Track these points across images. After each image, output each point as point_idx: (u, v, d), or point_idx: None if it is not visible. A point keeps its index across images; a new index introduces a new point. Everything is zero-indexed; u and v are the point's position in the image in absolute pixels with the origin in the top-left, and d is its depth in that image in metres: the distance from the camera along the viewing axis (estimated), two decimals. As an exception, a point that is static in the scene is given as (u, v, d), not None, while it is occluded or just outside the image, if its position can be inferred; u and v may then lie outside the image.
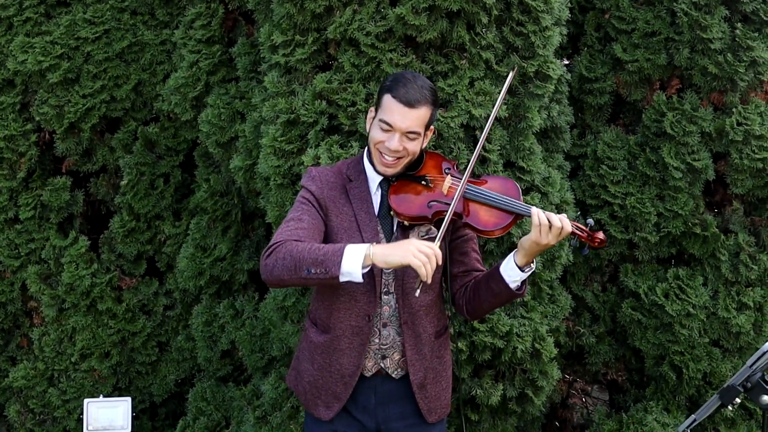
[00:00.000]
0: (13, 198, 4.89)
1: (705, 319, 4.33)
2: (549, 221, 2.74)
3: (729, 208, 4.45)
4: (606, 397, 5.20)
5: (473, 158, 2.91)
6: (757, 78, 4.26)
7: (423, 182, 2.96)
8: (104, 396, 4.76)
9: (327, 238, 2.94)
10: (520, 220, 2.94)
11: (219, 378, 4.75)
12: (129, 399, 4.58)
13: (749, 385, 2.74)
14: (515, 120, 3.95)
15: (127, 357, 4.92)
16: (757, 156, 4.20)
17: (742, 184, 4.32)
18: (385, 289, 2.98)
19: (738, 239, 4.37)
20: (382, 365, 3.02)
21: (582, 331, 4.55)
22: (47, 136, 4.87)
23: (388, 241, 2.94)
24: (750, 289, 4.37)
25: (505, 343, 3.92)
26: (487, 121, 3.78)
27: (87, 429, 4.52)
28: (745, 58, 4.18)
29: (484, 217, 2.89)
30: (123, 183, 4.84)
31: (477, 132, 3.84)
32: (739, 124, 4.22)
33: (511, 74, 3.02)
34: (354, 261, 2.60)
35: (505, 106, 3.85)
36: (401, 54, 3.77)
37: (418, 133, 2.87)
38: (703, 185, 4.37)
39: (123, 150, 4.87)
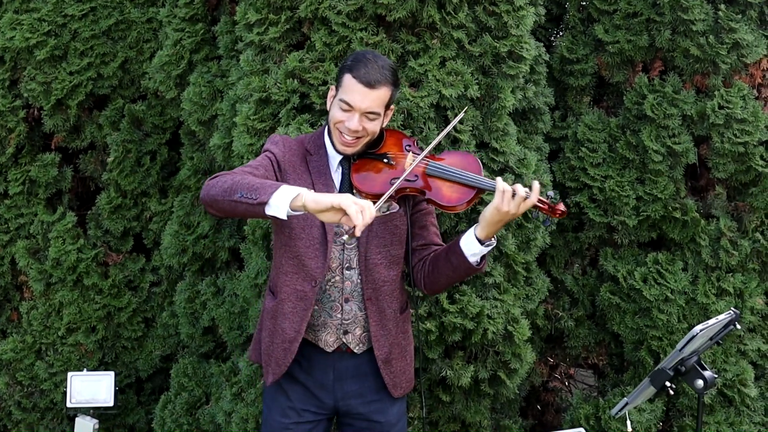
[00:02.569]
0: (3, 173, 4.95)
1: (684, 305, 4.28)
2: (513, 190, 2.74)
3: (712, 193, 4.39)
4: (592, 381, 5.18)
5: (434, 142, 2.93)
6: (740, 61, 4.19)
7: (384, 160, 2.97)
8: (89, 370, 4.82)
9: None
10: (482, 194, 2.94)
11: (201, 354, 4.79)
12: (112, 373, 4.64)
13: (684, 369, 2.71)
14: (488, 100, 3.92)
15: (113, 332, 4.98)
16: (739, 140, 4.14)
17: (723, 169, 4.26)
18: (348, 264, 2.99)
19: (719, 224, 4.31)
20: (344, 340, 3.04)
21: (561, 314, 4.52)
22: (36, 112, 4.92)
23: None
24: (730, 275, 4.32)
25: (475, 324, 3.90)
26: (458, 101, 3.79)
27: (70, 402, 4.59)
28: (727, 41, 4.11)
29: (446, 192, 2.89)
30: (110, 160, 4.89)
31: (448, 112, 3.82)
32: (720, 107, 4.16)
33: (460, 115, 3.10)
34: (285, 196, 2.53)
35: (477, 86, 3.82)
36: (372, 33, 3.76)
37: (378, 114, 2.88)
38: (685, 169, 4.31)
39: (110, 127, 4.91)
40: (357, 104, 2.84)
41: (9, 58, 4.84)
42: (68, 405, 4.58)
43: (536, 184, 2.79)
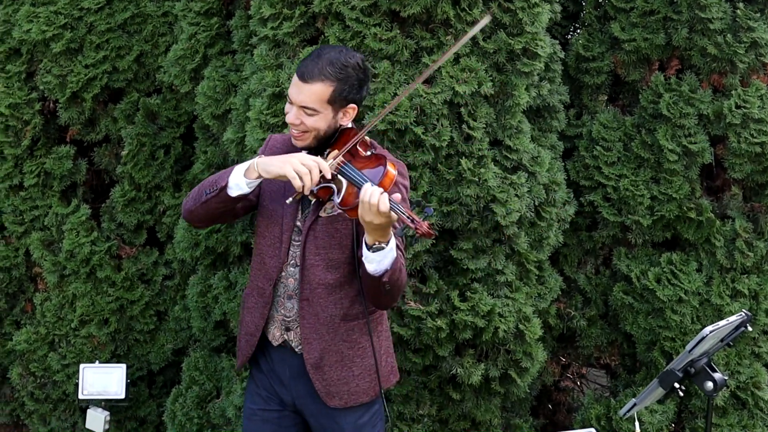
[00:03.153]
0: (18, 165, 4.97)
1: (698, 306, 4.25)
2: (369, 199, 2.57)
3: (728, 193, 4.36)
4: (604, 381, 5.15)
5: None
6: (758, 60, 4.15)
7: (325, 154, 2.85)
8: (101, 362, 4.84)
9: (261, 198, 3.00)
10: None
11: (213, 348, 4.80)
12: (124, 366, 4.64)
13: (693, 370, 2.68)
14: (502, 98, 3.90)
15: (126, 325, 4.99)
16: (756, 140, 4.10)
17: (740, 169, 4.22)
18: (293, 261, 2.96)
19: (735, 225, 4.27)
20: (286, 337, 3.02)
21: (573, 313, 4.49)
22: (51, 105, 4.93)
23: (302, 214, 2.94)
24: (745, 276, 4.29)
25: (486, 322, 3.89)
26: (472, 98, 3.78)
27: (82, 393, 4.59)
28: (745, 39, 4.08)
29: (346, 195, 2.75)
30: (124, 153, 4.89)
31: (461, 109, 3.80)
32: (738, 106, 4.13)
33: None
34: (239, 172, 2.71)
35: (491, 83, 3.80)
36: (386, 29, 3.75)
37: (314, 110, 2.78)
38: (701, 169, 4.28)
39: (125, 120, 4.92)
40: (293, 97, 2.80)
41: (25, 50, 4.86)
42: (80, 396, 4.59)
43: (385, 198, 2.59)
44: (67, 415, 5.12)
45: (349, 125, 2.94)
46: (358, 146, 2.84)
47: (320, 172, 2.62)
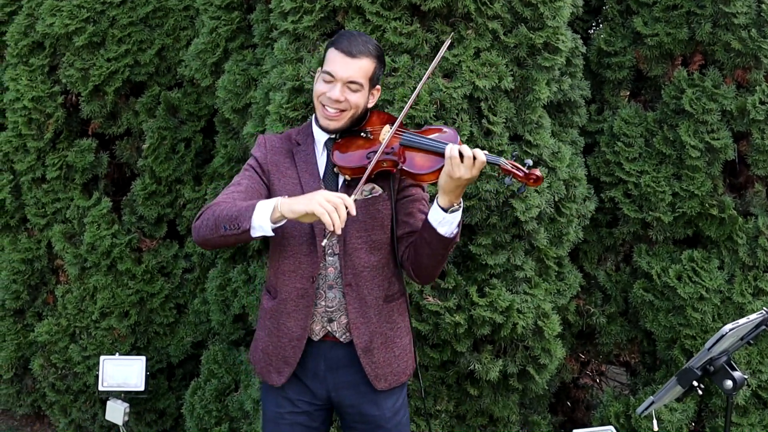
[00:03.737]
0: (41, 158, 5.01)
1: (719, 304, 4.21)
2: (461, 152, 2.67)
3: (751, 190, 4.31)
4: (624, 379, 5.12)
5: (408, 104, 2.89)
6: (783, 55, 4.10)
7: (363, 135, 2.94)
8: (122, 354, 4.87)
9: None
10: None
11: (231, 342, 4.81)
12: (144, 358, 4.67)
13: (712, 369, 2.65)
14: (523, 92, 3.88)
15: (146, 317, 5.01)
16: (780, 137, 4.06)
17: (763, 166, 4.18)
18: (330, 250, 2.96)
19: (758, 222, 4.22)
20: (330, 329, 3.01)
21: (593, 310, 4.46)
22: (74, 98, 4.96)
23: None
24: (768, 274, 4.24)
25: (505, 318, 3.87)
26: (492, 92, 3.76)
27: (102, 385, 4.63)
28: (770, 34, 4.03)
29: (419, 161, 2.83)
30: (145, 146, 4.92)
31: (481, 103, 3.79)
32: (762, 102, 4.08)
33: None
34: (263, 214, 2.63)
35: (512, 78, 3.78)
36: (406, 23, 3.74)
37: (360, 84, 2.88)
38: (723, 165, 4.23)
39: (146, 114, 4.94)
40: (339, 73, 2.84)
41: (48, 44, 4.90)
42: (100, 388, 4.62)
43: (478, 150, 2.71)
44: (88, 407, 5.16)
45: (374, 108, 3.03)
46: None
47: (346, 207, 2.59)
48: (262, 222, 2.64)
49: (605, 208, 4.37)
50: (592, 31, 4.60)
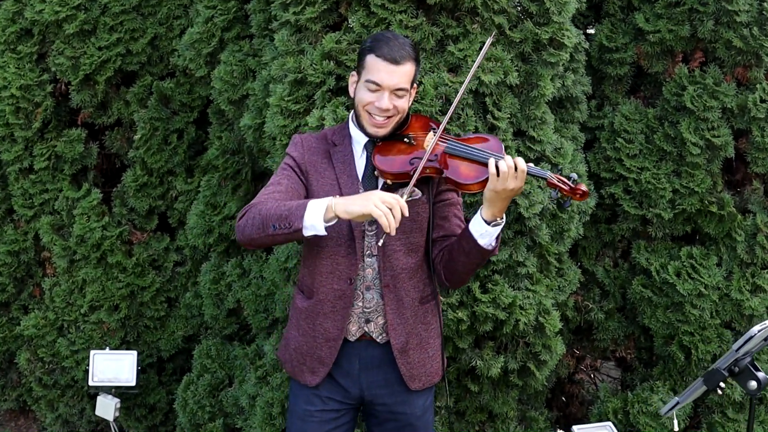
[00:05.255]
0: (29, 148, 4.90)
1: (717, 300, 4.23)
2: (505, 166, 2.68)
3: (749, 188, 4.32)
4: (617, 374, 5.13)
5: (448, 114, 2.89)
6: (784, 53, 4.11)
7: (406, 140, 2.92)
8: (112, 348, 4.79)
9: None
10: None
11: (225, 336, 4.75)
12: (135, 353, 4.60)
13: (737, 369, 2.65)
14: (527, 88, 3.85)
15: (136, 311, 4.94)
16: (780, 134, 4.07)
17: (762, 163, 4.20)
18: (368, 252, 2.95)
19: (756, 220, 4.24)
20: (366, 329, 3.00)
21: (591, 306, 4.46)
22: (63, 87, 4.85)
23: None
24: (765, 271, 4.26)
25: (507, 314, 3.85)
26: (497, 87, 3.73)
27: (92, 380, 4.55)
28: (772, 32, 4.04)
29: (464, 171, 2.83)
30: (136, 137, 4.83)
31: (486, 98, 3.75)
32: (762, 100, 4.10)
33: (489, 39, 2.94)
34: (316, 213, 2.61)
35: (517, 73, 3.75)
36: (411, 16, 3.69)
37: (406, 90, 2.86)
38: (722, 163, 4.24)
39: (138, 104, 4.85)
40: (385, 82, 2.81)
41: (37, 31, 4.78)
42: (90, 383, 4.54)
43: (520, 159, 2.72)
44: (75, 402, 5.08)
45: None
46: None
47: (402, 210, 2.57)
48: (314, 221, 2.61)
49: (604, 204, 4.36)
50: (591, 27, 4.57)
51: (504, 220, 2.81)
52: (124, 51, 4.77)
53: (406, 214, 2.59)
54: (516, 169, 2.67)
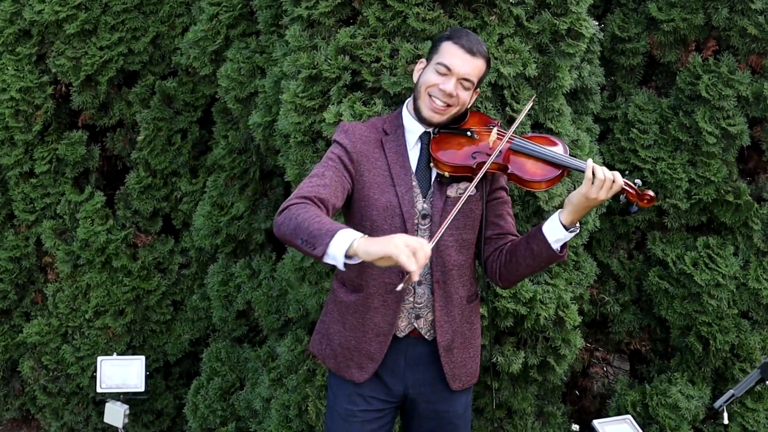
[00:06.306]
0: (29, 151, 4.80)
1: (734, 290, 4.21)
2: (603, 174, 2.65)
3: (763, 176, 4.31)
4: (627, 366, 5.10)
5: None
6: (799, 41, 4.10)
7: (468, 134, 2.89)
8: (118, 354, 4.70)
9: (359, 193, 2.85)
10: (566, 175, 2.87)
11: (234, 338, 4.67)
12: (143, 357, 4.52)
13: (791, 359, 2.63)
14: (545, 80, 3.80)
15: (142, 315, 4.85)
16: (795, 122, 4.06)
17: (778, 151, 4.18)
18: None
19: (772, 208, 4.24)
20: (416, 325, 2.94)
21: (606, 299, 4.43)
22: (63, 88, 4.75)
23: (424, 196, 2.86)
24: (782, 259, 4.25)
25: (528, 310, 3.81)
26: (515, 80, 3.68)
27: (100, 387, 4.47)
28: (786, 20, 4.02)
29: (531, 168, 2.82)
30: (140, 138, 4.74)
31: (505, 91, 3.70)
32: (777, 88, 4.08)
33: (530, 103, 3.03)
34: (340, 247, 2.41)
35: (535, 65, 3.70)
36: (428, 8, 3.63)
37: (473, 83, 2.84)
38: (737, 151, 4.22)
39: (140, 104, 4.76)
40: (456, 68, 2.79)
41: (36, 32, 4.69)
42: (98, 390, 4.46)
43: (616, 173, 2.71)
44: (81, 409, 4.98)
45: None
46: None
47: (425, 254, 2.38)
48: (337, 253, 2.42)
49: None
50: (601, 15, 4.53)
51: (579, 227, 2.80)
52: (126, 50, 4.68)
53: (426, 259, 2.39)
54: (614, 182, 2.66)
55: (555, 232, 2.77)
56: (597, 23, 4.15)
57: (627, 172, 4.29)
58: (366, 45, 3.68)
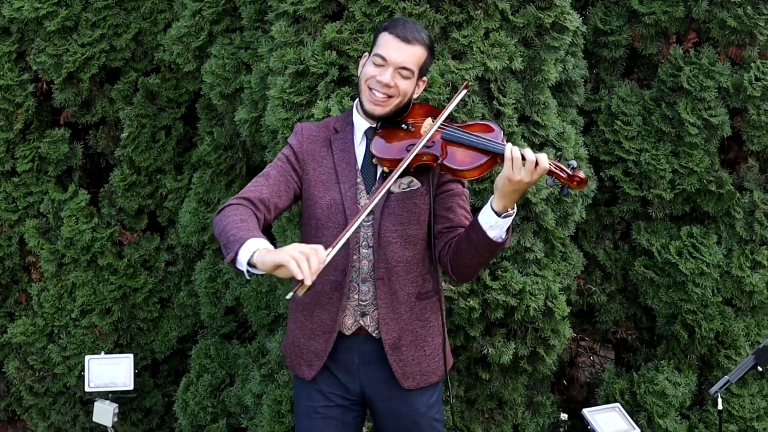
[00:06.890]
0: (10, 150, 4.75)
1: (718, 278, 4.27)
2: (522, 155, 2.58)
3: (744, 166, 4.38)
4: (612, 355, 5.16)
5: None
6: (778, 31, 4.16)
7: (404, 126, 2.86)
8: (105, 352, 4.67)
9: (306, 192, 2.89)
10: (499, 161, 2.71)
11: (222, 335, 4.67)
12: (131, 356, 4.50)
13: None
14: (530, 73, 3.84)
15: (128, 313, 4.82)
16: (775, 112, 4.12)
17: (758, 141, 4.24)
18: (365, 243, 2.88)
19: (753, 197, 4.29)
20: (362, 323, 2.93)
21: (593, 289, 4.48)
22: (45, 86, 4.71)
23: (368, 192, 2.85)
24: (764, 247, 4.32)
25: (518, 301, 3.85)
26: (501, 73, 3.71)
27: (88, 386, 4.44)
28: (765, 11, 4.08)
29: (460, 157, 2.75)
30: (123, 135, 4.70)
31: (491, 85, 3.73)
32: (757, 79, 4.13)
33: (462, 90, 2.93)
34: (245, 255, 2.44)
35: (521, 59, 3.73)
36: (415, 3, 3.65)
37: (412, 72, 2.80)
38: (719, 142, 4.28)
39: (123, 101, 4.73)
40: (391, 57, 2.77)
41: (16, 29, 4.63)
42: (86, 389, 4.44)
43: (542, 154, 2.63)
44: (68, 409, 4.95)
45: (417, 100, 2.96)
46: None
47: (318, 259, 2.39)
48: (242, 262, 2.46)
49: (604, 187, 4.38)
50: (587, 10, 4.57)
51: (515, 211, 2.70)
52: (108, 47, 4.63)
53: (321, 263, 2.40)
54: (537, 164, 2.56)
55: (488, 219, 2.69)
56: (579, 16, 4.19)
57: (612, 162, 4.34)
58: (353, 40, 3.69)
